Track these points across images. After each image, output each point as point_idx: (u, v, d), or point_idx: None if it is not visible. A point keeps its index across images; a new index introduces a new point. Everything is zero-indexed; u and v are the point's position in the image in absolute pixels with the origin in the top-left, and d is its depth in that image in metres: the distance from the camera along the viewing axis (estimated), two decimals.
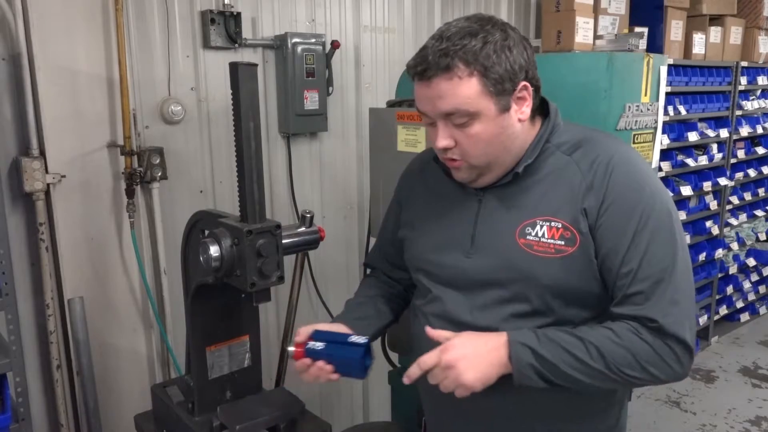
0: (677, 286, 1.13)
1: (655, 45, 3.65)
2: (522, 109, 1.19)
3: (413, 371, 1.16)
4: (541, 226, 1.18)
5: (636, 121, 1.99)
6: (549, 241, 1.17)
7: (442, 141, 1.18)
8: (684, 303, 1.14)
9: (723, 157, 4.26)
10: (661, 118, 2.14)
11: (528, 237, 1.19)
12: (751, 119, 4.50)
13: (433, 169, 1.36)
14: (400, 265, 1.49)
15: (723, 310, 4.63)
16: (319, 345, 1.25)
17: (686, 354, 1.13)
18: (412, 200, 1.43)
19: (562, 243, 1.16)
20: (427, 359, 1.15)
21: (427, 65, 1.13)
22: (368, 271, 1.65)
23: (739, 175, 4.44)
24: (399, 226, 1.46)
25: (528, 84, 1.18)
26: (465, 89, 1.12)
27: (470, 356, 1.13)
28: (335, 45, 2.68)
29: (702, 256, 4.14)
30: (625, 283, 1.14)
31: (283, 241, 1.56)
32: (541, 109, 1.27)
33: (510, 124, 1.18)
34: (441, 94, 1.13)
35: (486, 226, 1.25)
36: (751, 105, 4.38)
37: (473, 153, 1.18)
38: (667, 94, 2.71)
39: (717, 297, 4.51)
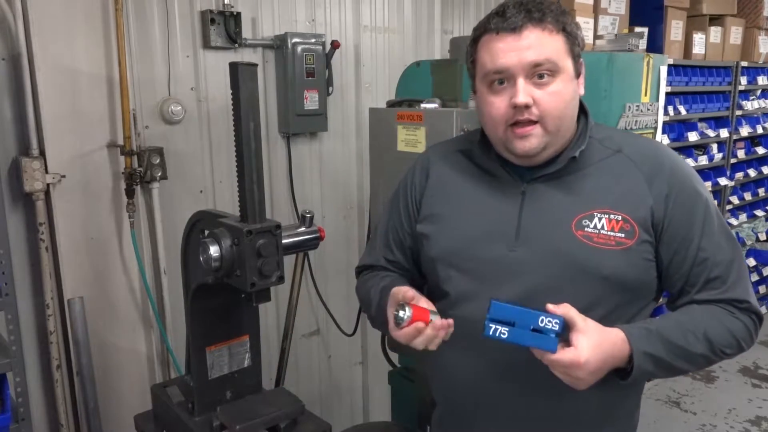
0: (741, 263, 1.21)
1: (655, 45, 3.65)
2: (580, 85, 1.22)
3: (542, 356, 1.07)
4: (600, 219, 1.17)
5: (636, 121, 1.99)
6: (609, 233, 1.16)
7: (524, 97, 1.13)
8: (748, 278, 1.22)
9: (723, 157, 4.25)
10: (661, 118, 2.13)
11: (586, 229, 1.17)
12: (751, 119, 4.49)
13: (459, 160, 1.33)
14: (405, 268, 1.43)
15: None
16: (503, 332, 1.07)
17: (760, 325, 1.22)
18: (434, 192, 1.34)
19: (622, 235, 1.16)
20: (559, 361, 1.05)
21: (516, 17, 1.13)
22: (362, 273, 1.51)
23: (739, 175, 4.44)
24: (413, 222, 1.37)
25: (583, 63, 1.22)
26: (555, 42, 1.15)
27: (597, 372, 1.08)
28: (335, 45, 2.68)
29: None
30: (704, 270, 1.18)
31: (283, 241, 1.56)
32: None
33: (577, 94, 1.21)
34: (532, 44, 1.13)
35: (534, 218, 1.21)
36: (751, 105, 4.38)
37: (553, 112, 1.15)
38: (667, 94, 2.71)
39: None
